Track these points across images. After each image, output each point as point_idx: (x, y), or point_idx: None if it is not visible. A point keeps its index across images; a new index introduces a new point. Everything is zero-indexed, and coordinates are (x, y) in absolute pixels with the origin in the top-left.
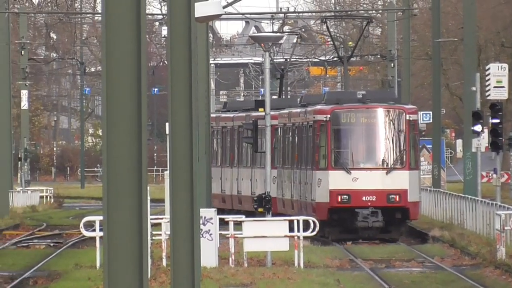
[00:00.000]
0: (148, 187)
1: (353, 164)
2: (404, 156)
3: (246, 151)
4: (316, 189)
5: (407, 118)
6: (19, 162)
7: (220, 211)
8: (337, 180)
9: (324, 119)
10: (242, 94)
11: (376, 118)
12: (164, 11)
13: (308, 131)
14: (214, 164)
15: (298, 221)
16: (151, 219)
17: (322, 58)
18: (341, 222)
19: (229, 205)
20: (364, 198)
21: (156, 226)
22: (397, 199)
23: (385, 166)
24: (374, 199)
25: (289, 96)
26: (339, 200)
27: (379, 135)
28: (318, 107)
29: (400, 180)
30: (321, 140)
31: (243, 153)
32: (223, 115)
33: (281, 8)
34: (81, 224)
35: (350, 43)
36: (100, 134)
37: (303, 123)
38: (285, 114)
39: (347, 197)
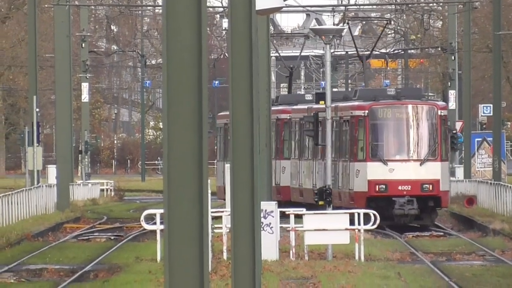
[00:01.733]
0: (209, 180)
1: (389, 156)
2: (437, 149)
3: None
4: (355, 179)
5: (439, 113)
6: (80, 155)
7: None
8: (374, 171)
9: (363, 114)
10: (303, 87)
11: (411, 113)
12: (225, 4)
13: (341, 126)
14: None
15: (359, 214)
16: (212, 212)
17: (383, 50)
18: (378, 210)
19: None
20: (400, 188)
21: (217, 219)
22: (431, 188)
23: (419, 158)
24: (409, 189)
25: (349, 89)
26: (377, 189)
27: (413, 129)
28: (356, 103)
29: (433, 170)
30: (359, 134)
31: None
32: None
33: (341, 1)
34: (142, 217)
35: (412, 36)
36: (161, 126)
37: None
38: (302, 110)
39: (384, 186)
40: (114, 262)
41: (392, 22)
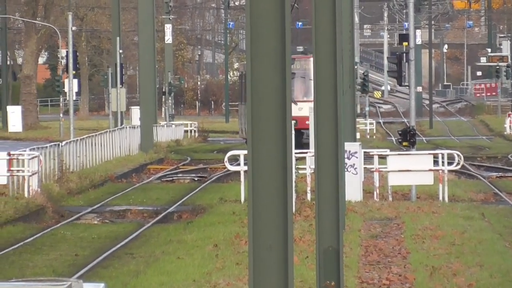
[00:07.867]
0: (292, 121)
1: (299, 97)
2: None
3: None
4: None
5: None
6: (163, 96)
7: None
8: None
9: None
10: (386, 28)
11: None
12: None
13: None
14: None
15: (442, 155)
16: (296, 153)
17: None
18: None
19: None
20: (307, 122)
21: (301, 160)
22: None
23: None
24: None
25: (433, 30)
26: None
27: None
28: None
29: None
30: None
31: None
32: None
33: None
34: (226, 158)
35: None
36: None
37: None
38: None
39: (295, 121)
40: (197, 203)
41: None
